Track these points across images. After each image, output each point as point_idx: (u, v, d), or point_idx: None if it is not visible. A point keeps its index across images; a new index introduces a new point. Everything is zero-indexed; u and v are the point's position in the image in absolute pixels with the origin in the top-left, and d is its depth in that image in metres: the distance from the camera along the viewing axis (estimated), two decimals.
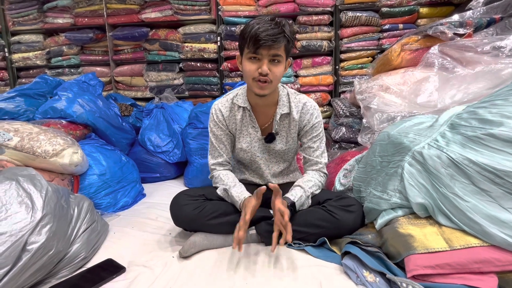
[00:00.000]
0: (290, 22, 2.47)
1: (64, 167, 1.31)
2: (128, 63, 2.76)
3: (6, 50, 2.80)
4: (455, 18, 1.63)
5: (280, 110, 1.18)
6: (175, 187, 1.87)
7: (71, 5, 2.63)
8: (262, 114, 1.20)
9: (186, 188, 1.87)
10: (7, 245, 0.82)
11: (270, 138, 1.20)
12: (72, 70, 2.82)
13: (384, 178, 1.05)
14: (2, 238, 0.83)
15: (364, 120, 1.56)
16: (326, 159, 1.22)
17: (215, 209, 1.12)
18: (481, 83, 1.28)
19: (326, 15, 2.42)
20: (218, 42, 2.55)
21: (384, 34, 2.46)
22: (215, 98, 2.51)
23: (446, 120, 0.98)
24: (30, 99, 1.81)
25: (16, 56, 2.81)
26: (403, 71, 1.63)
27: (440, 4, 2.36)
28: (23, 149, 1.24)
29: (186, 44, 2.60)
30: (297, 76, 2.59)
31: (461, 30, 1.55)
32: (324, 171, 1.22)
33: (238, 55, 1.13)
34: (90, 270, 1.01)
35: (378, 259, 0.92)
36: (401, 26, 2.42)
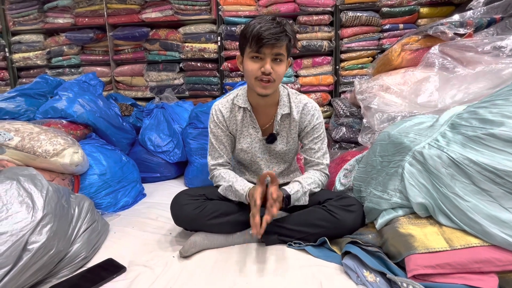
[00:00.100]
0: (291, 22, 2.47)
1: (64, 167, 1.31)
2: (128, 63, 2.76)
3: (6, 50, 2.80)
4: (456, 18, 1.63)
5: (280, 110, 1.18)
6: (176, 187, 1.88)
7: (72, 5, 2.63)
8: (263, 114, 1.20)
9: (186, 188, 1.87)
10: (8, 244, 0.82)
11: (271, 138, 1.20)
12: (72, 70, 2.82)
13: (384, 178, 1.05)
14: (3, 237, 0.83)
15: (364, 120, 1.56)
16: (328, 160, 1.22)
17: (216, 208, 1.12)
18: (481, 83, 1.28)
19: (327, 15, 2.42)
20: (219, 42, 2.55)
21: (384, 34, 2.46)
22: (216, 98, 2.52)
23: (446, 120, 0.98)
24: (30, 99, 1.81)
25: (16, 56, 2.81)
26: (404, 71, 1.63)
27: (440, 4, 2.36)
28: (24, 149, 1.24)
29: (187, 44, 2.60)
30: (297, 76, 2.59)
31: (461, 30, 1.55)
32: (325, 172, 1.21)
33: (238, 55, 1.13)
34: (90, 269, 1.01)
35: (379, 259, 0.92)
36: (401, 26, 2.42)
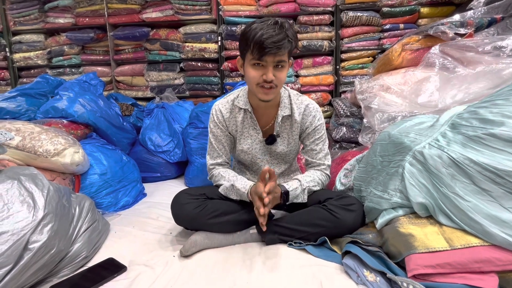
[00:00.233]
0: (291, 22, 2.47)
1: (65, 167, 1.31)
2: (129, 63, 2.76)
3: (7, 49, 2.81)
4: (456, 18, 1.63)
5: (281, 112, 1.17)
6: (176, 187, 1.88)
7: (72, 5, 2.63)
8: (264, 115, 1.20)
9: (186, 187, 1.88)
10: (9, 244, 0.83)
11: (271, 140, 1.20)
12: (73, 70, 2.83)
13: (384, 178, 1.05)
14: (4, 237, 0.83)
15: (364, 120, 1.56)
16: (329, 161, 1.22)
17: (216, 208, 1.12)
18: (482, 83, 1.27)
19: (327, 15, 2.42)
20: (219, 42, 2.55)
21: (385, 34, 2.46)
22: (216, 98, 2.52)
23: (447, 120, 0.98)
24: (31, 99, 1.81)
25: (17, 55, 2.82)
26: (404, 71, 1.63)
27: (441, 4, 2.36)
28: (25, 148, 1.25)
29: (187, 44, 2.60)
30: (297, 76, 2.59)
31: (462, 30, 1.55)
32: (326, 172, 1.21)
33: (239, 58, 1.12)
34: (91, 269, 1.01)
35: (379, 259, 0.92)
36: (402, 26, 2.42)
